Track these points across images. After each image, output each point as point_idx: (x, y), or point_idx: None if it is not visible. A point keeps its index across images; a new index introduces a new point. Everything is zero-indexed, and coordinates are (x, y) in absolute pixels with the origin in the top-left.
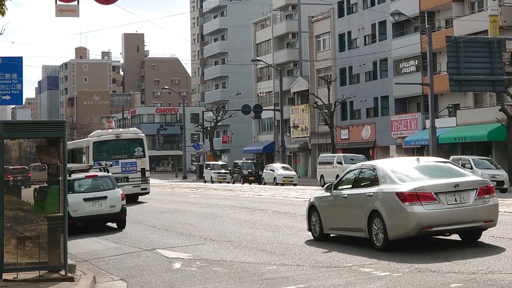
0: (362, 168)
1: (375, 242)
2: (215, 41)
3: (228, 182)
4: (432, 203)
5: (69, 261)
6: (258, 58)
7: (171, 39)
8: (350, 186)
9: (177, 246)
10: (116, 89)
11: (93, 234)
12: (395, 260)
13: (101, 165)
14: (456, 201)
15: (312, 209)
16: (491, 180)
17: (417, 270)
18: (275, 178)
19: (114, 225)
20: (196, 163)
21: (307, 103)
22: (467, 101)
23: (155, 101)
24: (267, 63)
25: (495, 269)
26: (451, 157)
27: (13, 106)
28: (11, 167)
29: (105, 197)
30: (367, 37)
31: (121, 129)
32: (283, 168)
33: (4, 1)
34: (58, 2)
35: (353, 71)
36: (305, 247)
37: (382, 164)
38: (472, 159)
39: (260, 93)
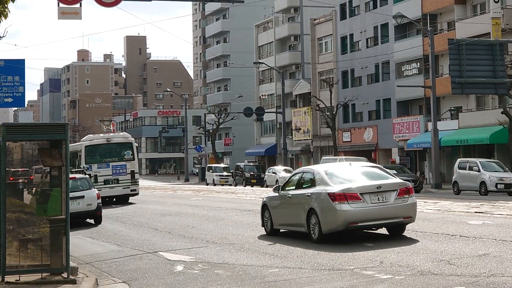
0: (303, 172)
1: (312, 235)
2: (217, 44)
3: (230, 185)
4: (358, 202)
5: (71, 264)
6: (260, 61)
7: (173, 41)
8: (294, 187)
9: (179, 249)
10: (118, 92)
11: (95, 236)
12: (397, 262)
13: (91, 168)
14: (379, 200)
15: (264, 207)
16: (498, 183)
17: (419, 273)
18: (277, 180)
19: (117, 227)
20: (198, 166)
21: (309, 105)
22: (469, 103)
23: (157, 104)
24: (269, 66)
25: (497, 272)
26: (458, 159)
27: (15, 108)
28: (13, 169)
29: (83, 197)
30: (369, 39)
31: (111, 134)
32: (285, 170)
33: (6, 4)
34: (61, 5)
35: (355, 74)
36: (307, 250)
37: (319, 169)
38: (479, 161)
39: (262, 95)
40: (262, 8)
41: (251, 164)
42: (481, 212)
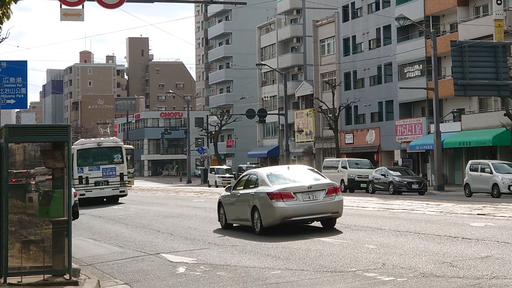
0: (250, 174)
1: (255, 228)
2: (219, 45)
3: None
4: (291, 200)
5: (74, 265)
6: (262, 63)
7: (176, 43)
8: (242, 187)
9: (181, 251)
10: (120, 93)
11: (97, 238)
12: (399, 264)
13: (83, 170)
14: (310, 198)
15: (220, 205)
16: (511, 185)
17: (422, 275)
18: None
19: (119, 229)
20: (201, 168)
21: (312, 107)
22: (472, 105)
23: (160, 105)
24: (271, 68)
25: (499, 274)
26: (470, 161)
27: (18, 110)
28: (15, 171)
29: None
30: (371, 41)
31: (102, 138)
32: None
33: (9, 5)
34: (63, 6)
35: (358, 76)
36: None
37: (262, 171)
38: (491, 163)
39: (265, 97)
40: (265, 10)
41: (254, 165)
42: (484, 214)
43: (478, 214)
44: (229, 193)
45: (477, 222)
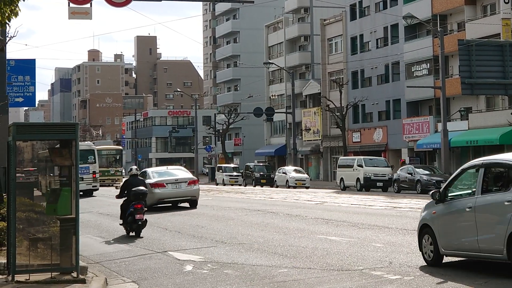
0: (146, 171)
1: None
2: (227, 44)
3: (240, 185)
4: (164, 188)
5: (81, 263)
6: (270, 61)
7: (184, 41)
8: None
9: (189, 249)
10: (128, 92)
11: (104, 236)
12: (406, 263)
13: None
14: (176, 187)
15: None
16: None
17: (427, 274)
18: (287, 181)
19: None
20: (208, 166)
21: (319, 106)
22: (479, 104)
23: (168, 104)
24: (279, 66)
25: (507, 274)
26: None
27: (26, 108)
28: (24, 169)
29: None
30: (379, 40)
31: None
32: (296, 171)
33: (17, 2)
34: (71, 5)
35: (365, 74)
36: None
37: (149, 169)
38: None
39: (272, 96)
40: (272, 9)
41: (261, 164)
42: None
43: None
44: None
45: None
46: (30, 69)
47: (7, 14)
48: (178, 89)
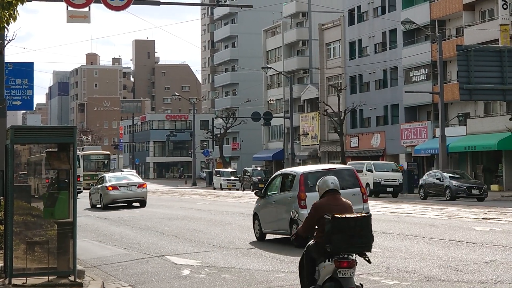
0: (104, 176)
1: (100, 205)
2: (225, 48)
3: (238, 189)
4: (117, 190)
5: (78, 267)
6: (268, 66)
7: (182, 45)
8: (97, 183)
9: (186, 253)
10: (126, 95)
11: (102, 239)
12: (404, 268)
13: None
14: (127, 189)
15: (90, 192)
16: None
17: (426, 279)
18: None
19: (124, 231)
20: (206, 170)
21: (317, 110)
22: (477, 110)
23: (165, 108)
24: (277, 71)
25: (504, 278)
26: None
27: (24, 111)
28: (20, 172)
29: None
30: (377, 45)
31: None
32: None
33: (15, 6)
34: (70, 8)
35: (363, 79)
36: None
37: (106, 174)
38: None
39: (270, 100)
40: (271, 13)
41: (259, 168)
42: (488, 219)
43: (482, 218)
44: (98, 186)
45: (482, 226)
46: (28, 72)
47: (5, 18)
48: (176, 93)
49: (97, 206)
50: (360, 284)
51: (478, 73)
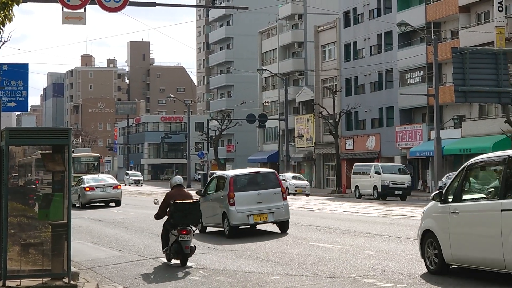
0: (82, 178)
1: (77, 204)
2: (220, 50)
3: None
4: (94, 191)
5: (73, 269)
6: (263, 68)
7: (177, 47)
8: (77, 184)
9: None
10: (121, 97)
11: (96, 241)
12: (399, 271)
13: None
14: (103, 190)
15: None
16: None
17: (421, 281)
18: (287, 188)
19: (118, 233)
20: (201, 172)
21: (312, 113)
22: (473, 112)
23: (160, 109)
24: (272, 73)
25: (498, 280)
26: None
27: (18, 112)
28: (14, 173)
29: None
30: (372, 47)
31: (39, 151)
32: (295, 177)
33: (11, 7)
34: (65, 10)
35: (359, 82)
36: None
37: (84, 177)
38: None
39: (265, 102)
40: (266, 15)
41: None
42: None
43: None
44: (73, 188)
45: None
46: (23, 74)
47: (0, 20)
48: (171, 95)
49: (76, 205)
50: (194, 246)
51: (473, 76)
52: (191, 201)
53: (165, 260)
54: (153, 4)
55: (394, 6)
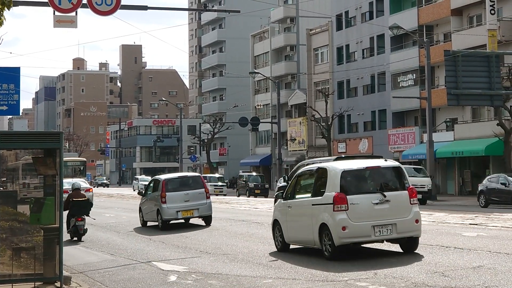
0: (72, 183)
1: None
2: (213, 53)
3: (225, 195)
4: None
5: (65, 273)
6: (256, 71)
7: (169, 50)
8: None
9: (173, 259)
10: (113, 100)
11: (88, 245)
12: (391, 274)
13: None
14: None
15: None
16: None
17: (413, 284)
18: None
19: (110, 237)
20: None
21: (305, 116)
22: (465, 115)
23: (152, 113)
24: (265, 76)
25: (491, 284)
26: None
27: (10, 116)
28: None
29: None
30: (365, 50)
31: (26, 156)
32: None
33: (2, 11)
34: (57, 13)
35: (351, 85)
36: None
37: (65, 180)
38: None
39: (258, 105)
40: (258, 18)
41: (254, 174)
42: (476, 224)
43: (470, 224)
44: (68, 187)
45: (469, 232)
46: (15, 77)
47: None
48: (163, 98)
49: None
50: (86, 228)
51: (466, 78)
52: (84, 199)
53: (158, 264)
54: (145, 8)
55: (387, 9)
